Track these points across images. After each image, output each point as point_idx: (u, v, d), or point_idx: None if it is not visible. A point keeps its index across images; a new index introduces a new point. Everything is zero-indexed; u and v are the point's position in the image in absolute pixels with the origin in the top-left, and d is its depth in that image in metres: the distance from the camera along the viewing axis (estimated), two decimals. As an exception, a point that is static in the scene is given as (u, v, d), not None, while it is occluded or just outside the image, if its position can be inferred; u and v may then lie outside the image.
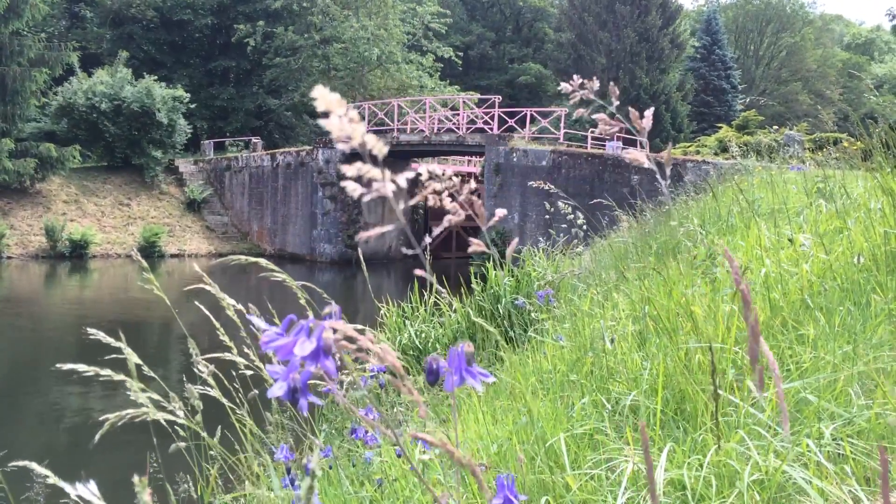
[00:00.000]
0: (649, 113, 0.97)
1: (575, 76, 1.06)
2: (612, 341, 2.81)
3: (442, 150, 27.47)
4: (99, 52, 35.79)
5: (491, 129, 24.84)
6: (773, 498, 1.57)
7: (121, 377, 1.83)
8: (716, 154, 21.52)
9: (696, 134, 35.72)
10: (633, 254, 5.13)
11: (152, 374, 2.15)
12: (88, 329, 2.00)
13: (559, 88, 1.06)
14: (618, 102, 1.00)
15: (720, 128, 26.76)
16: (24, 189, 26.95)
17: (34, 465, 1.63)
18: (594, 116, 1.01)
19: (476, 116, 26.09)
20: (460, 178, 0.87)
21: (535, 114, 24.98)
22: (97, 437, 1.67)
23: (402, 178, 0.73)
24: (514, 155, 22.74)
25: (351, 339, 0.75)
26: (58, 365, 1.83)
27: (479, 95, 30.89)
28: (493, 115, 24.88)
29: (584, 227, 5.61)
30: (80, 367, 1.77)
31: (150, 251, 26.96)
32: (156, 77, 30.52)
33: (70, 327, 16.06)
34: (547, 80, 46.90)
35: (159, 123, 29.29)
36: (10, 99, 26.50)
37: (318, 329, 0.76)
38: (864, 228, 3.01)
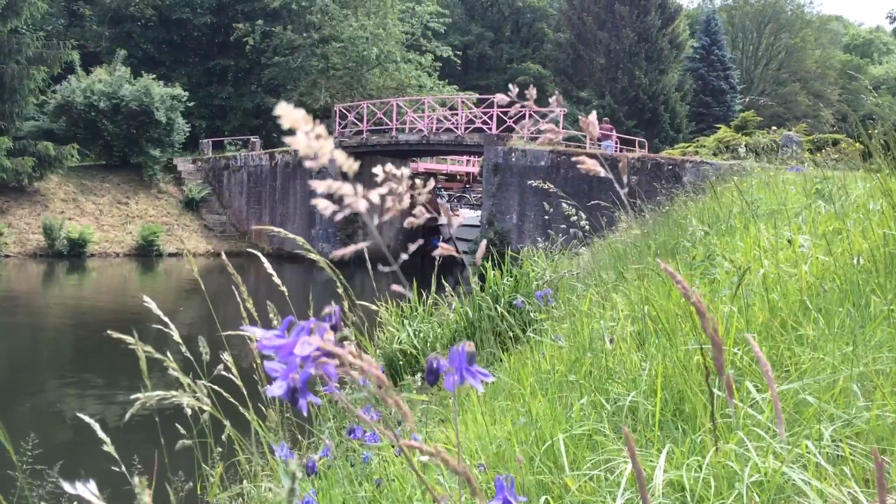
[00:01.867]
0: (593, 116, 0.95)
1: (511, 86, 1.04)
2: (611, 342, 2.81)
3: (441, 149, 27.47)
4: (98, 51, 35.71)
5: (489, 129, 24.83)
6: (772, 499, 1.57)
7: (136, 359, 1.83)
8: (714, 154, 21.53)
9: (695, 134, 35.72)
10: (631, 254, 5.13)
11: (188, 355, 2.15)
12: (144, 297, 2.02)
13: (495, 99, 1.04)
14: (563, 110, 0.98)
15: (719, 128, 26.76)
16: (22, 187, 26.90)
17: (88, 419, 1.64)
18: (542, 127, 1.00)
19: (475, 116, 26.08)
20: (423, 179, 0.86)
21: (534, 114, 24.94)
22: (128, 414, 1.67)
23: (375, 195, 0.71)
24: (513, 155, 22.74)
25: (331, 355, 0.74)
26: (109, 332, 1.85)
27: (477, 95, 30.87)
28: (492, 114, 24.87)
29: (586, 226, 5.61)
30: (129, 338, 1.79)
31: (149, 250, 26.91)
32: (154, 76, 30.45)
33: (68, 325, 16.04)
34: (546, 80, 46.89)
35: (158, 122, 29.24)
36: (9, 97, 26.44)
37: (319, 330, 0.76)
38: (863, 230, 3.02)
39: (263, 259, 2.37)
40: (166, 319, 2.06)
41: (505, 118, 24.88)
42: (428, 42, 38.26)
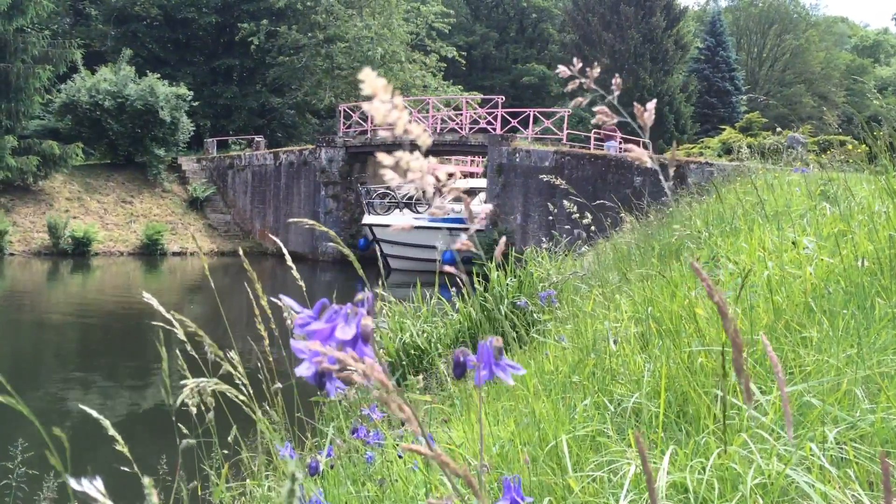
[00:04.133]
0: (651, 105, 0.93)
1: (576, 59, 1.00)
2: (614, 343, 2.80)
3: (445, 149, 27.48)
4: (103, 50, 35.79)
5: (494, 129, 24.82)
6: (776, 502, 1.56)
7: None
8: (719, 156, 21.49)
9: (700, 135, 35.69)
10: (635, 255, 5.13)
11: (194, 354, 2.15)
12: (144, 294, 2.01)
13: (557, 71, 1.01)
14: (618, 92, 0.96)
15: (723, 129, 26.73)
16: (26, 186, 26.97)
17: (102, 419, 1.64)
18: (594, 109, 0.96)
19: (479, 117, 26.08)
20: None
21: (538, 114, 24.98)
22: (178, 402, 1.67)
23: (443, 172, 0.70)
24: (517, 155, 22.73)
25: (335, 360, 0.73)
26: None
27: (482, 96, 30.87)
28: (497, 115, 24.86)
29: (591, 227, 5.61)
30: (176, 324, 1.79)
31: (153, 249, 26.96)
32: (159, 75, 30.49)
33: (73, 323, 16.08)
34: (550, 80, 46.86)
35: (162, 121, 29.29)
36: (14, 96, 26.50)
37: (357, 315, 0.76)
38: (868, 231, 3.01)
39: (287, 259, 2.36)
40: (170, 316, 2.06)
41: (509, 118, 24.88)
42: (433, 42, 38.27)
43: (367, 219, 24.36)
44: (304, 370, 0.76)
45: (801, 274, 2.82)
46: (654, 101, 0.94)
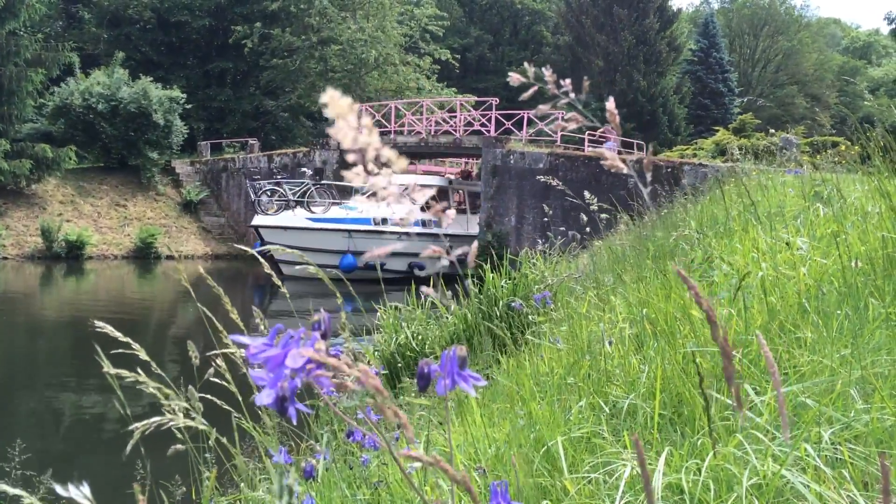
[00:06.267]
0: (611, 104, 0.91)
1: (526, 64, 0.98)
2: (609, 344, 2.80)
3: (439, 152, 27.51)
4: (96, 53, 35.70)
5: (488, 131, 24.84)
6: (771, 502, 1.56)
7: (134, 380, 1.82)
8: (713, 157, 21.55)
9: (694, 137, 35.77)
10: (630, 257, 5.13)
11: (160, 372, 2.14)
12: (96, 322, 1.98)
13: (507, 79, 0.98)
14: (574, 95, 0.94)
15: (717, 131, 26.80)
16: (19, 190, 26.87)
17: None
18: (567, 116, 0.95)
19: (473, 119, 26.10)
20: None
21: (532, 116, 25.00)
22: (128, 448, 1.63)
23: (421, 196, 0.65)
24: (511, 157, 22.74)
25: (325, 366, 0.72)
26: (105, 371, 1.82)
27: (476, 98, 30.89)
28: (491, 117, 24.88)
29: (586, 228, 5.61)
30: (124, 372, 1.76)
31: (147, 252, 26.88)
32: (152, 78, 30.43)
33: (65, 329, 16.02)
34: (545, 83, 46.86)
35: (156, 124, 29.21)
36: (6, 99, 26.41)
37: (309, 340, 0.75)
38: (861, 232, 3.02)
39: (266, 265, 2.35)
40: (128, 340, 2.02)
41: (503, 121, 24.90)
42: (426, 45, 38.30)
43: (257, 219, 21.53)
44: (264, 398, 0.75)
45: (794, 275, 2.83)
46: (612, 98, 0.93)
